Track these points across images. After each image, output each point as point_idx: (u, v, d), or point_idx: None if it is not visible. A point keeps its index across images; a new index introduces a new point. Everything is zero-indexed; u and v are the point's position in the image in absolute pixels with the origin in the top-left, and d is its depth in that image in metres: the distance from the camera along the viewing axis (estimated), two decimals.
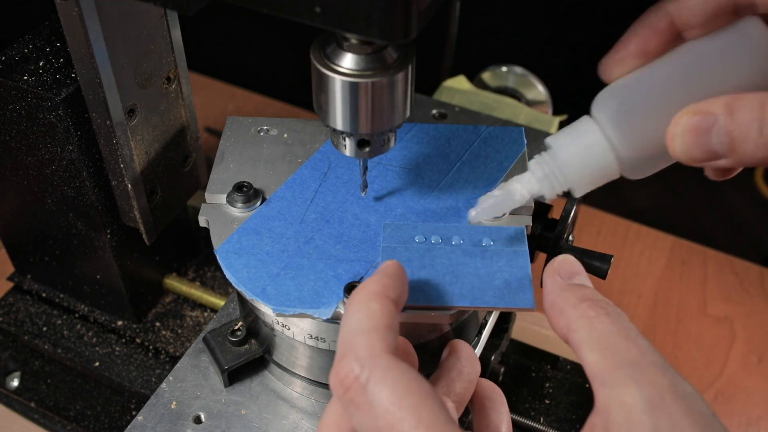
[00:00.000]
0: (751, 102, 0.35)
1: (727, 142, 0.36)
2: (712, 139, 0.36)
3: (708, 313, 0.85)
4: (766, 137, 0.34)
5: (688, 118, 0.37)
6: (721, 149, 0.36)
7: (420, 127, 0.58)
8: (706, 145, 0.36)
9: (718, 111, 0.36)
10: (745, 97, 0.35)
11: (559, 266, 0.39)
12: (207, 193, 0.53)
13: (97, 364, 0.68)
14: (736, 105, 0.35)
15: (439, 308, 0.44)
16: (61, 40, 0.58)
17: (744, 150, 0.35)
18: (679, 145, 0.37)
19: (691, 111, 0.37)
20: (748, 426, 0.75)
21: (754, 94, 0.35)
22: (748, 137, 0.35)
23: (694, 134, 0.36)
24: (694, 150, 0.37)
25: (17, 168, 0.61)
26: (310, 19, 0.35)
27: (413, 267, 0.46)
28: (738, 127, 0.35)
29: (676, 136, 0.37)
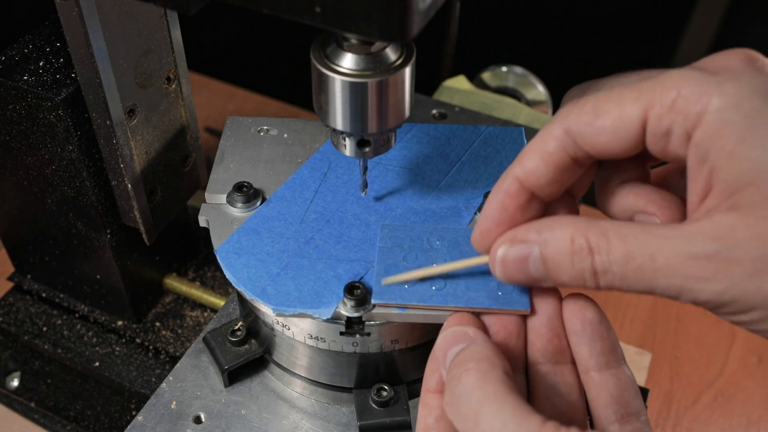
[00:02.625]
0: (561, 233, 0.37)
1: (543, 270, 0.38)
2: (530, 267, 0.38)
3: (708, 313, 0.84)
4: (578, 270, 0.36)
5: (506, 246, 0.39)
6: (539, 275, 0.38)
7: (420, 127, 0.58)
8: (525, 272, 0.39)
9: (532, 239, 0.38)
10: (557, 224, 0.37)
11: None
12: (207, 193, 0.53)
13: (97, 364, 0.68)
14: (547, 235, 0.37)
15: (434, 309, 0.44)
16: (61, 40, 0.58)
17: (560, 278, 0.37)
18: (499, 271, 0.40)
19: (508, 239, 0.39)
20: (748, 426, 0.75)
21: (564, 222, 0.37)
22: (562, 269, 0.37)
23: (513, 262, 0.39)
24: (515, 275, 0.39)
25: (17, 168, 0.61)
26: (310, 19, 0.35)
27: (409, 267, 0.46)
28: (551, 258, 0.37)
29: (497, 264, 0.40)
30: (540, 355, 0.42)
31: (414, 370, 0.51)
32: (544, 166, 0.39)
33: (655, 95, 0.35)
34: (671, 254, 0.34)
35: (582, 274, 0.36)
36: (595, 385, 0.41)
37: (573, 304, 0.42)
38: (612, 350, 0.41)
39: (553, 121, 0.39)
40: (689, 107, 0.34)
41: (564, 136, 0.38)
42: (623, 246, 0.35)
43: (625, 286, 0.36)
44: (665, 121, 0.35)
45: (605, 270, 0.36)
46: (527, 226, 0.39)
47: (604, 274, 0.36)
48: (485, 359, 0.37)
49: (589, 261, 0.36)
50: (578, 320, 0.41)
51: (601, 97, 0.37)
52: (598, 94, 0.38)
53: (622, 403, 0.40)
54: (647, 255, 0.35)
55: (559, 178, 0.39)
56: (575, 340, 0.42)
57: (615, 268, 0.35)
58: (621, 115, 0.36)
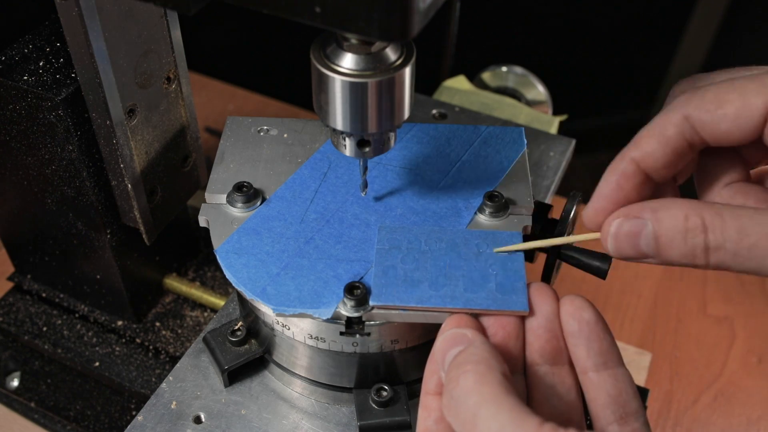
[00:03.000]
0: (676, 211, 0.38)
1: (654, 245, 0.39)
2: (641, 242, 0.39)
3: (708, 313, 0.85)
4: (690, 247, 0.37)
5: (620, 221, 0.40)
6: (648, 251, 0.39)
7: (420, 127, 0.58)
8: (636, 247, 0.39)
9: (647, 216, 0.39)
10: (671, 203, 0.39)
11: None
12: (207, 193, 0.53)
13: (97, 364, 0.68)
14: (662, 212, 0.39)
15: (432, 310, 0.44)
16: (61, 40, 0.58)
17: (669, 255, 0.39)
18: (611, 244, 0.41)
19: (623, 214, 0.40)
20: (748, 426, 0.75)
21: (678, 202, 0.38)
22: (674, 245, 0.38)
23: (625, 236, 0.40)
24: (626, 249, 0.40)
25: (17, 168, 0.61)
26: (310, 19, 0.35)
27: (406, 269, 0.46)
28: (664, 234, 0.38)
29: (609, 237, 0.41)
30: (538, 356, 0.42)
31: (414, 370, 0.51)
32: (661, 149, 0.40)
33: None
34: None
35: (694, 250, 0.37)
36: (593, 386, 0.41)
37: (570, 304, 0.42)
38: (609, 351, 0.41)
39: (672, 108, 0.40)
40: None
41: (683, 122, 0.40)
42: (738, 224, 0.36)
43: (736, 264, 0.37)
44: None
45: (718, 246, 0.37)
46: (641, 204, 0.40)
47: (716, 251, 0.37)
48: (483, 361, 0.37)
49: (702, 238, 0.37)
50: (575, 321, 0.42)
51: (722, 87, 0.39)
52: (719, 85, 0.39)
53: (620, 404, 0.40)
54: (762, 233, 0.36)
55: (674, 162, 0.41)
56: (573, 341, 0.42)
57: (729, 245, 0.36)
58: (744, 105, 0.38)
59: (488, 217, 0.51)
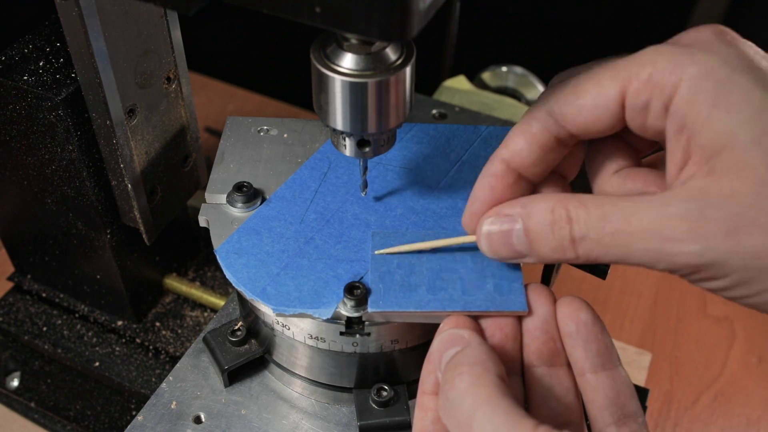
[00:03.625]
0: (543, 205, 0.38)
1: (526, 242, 0.39)
2: (513, 240, 0.39)
3: (708, 313, 0.85)
4: (558, 239, 0.37)
5: (492, 219, 0.40)
6: (522, 249, 0.39)
7: (420, 127, 0.58)
8: (509, 245, 0.40)
9: (517, 212, 0.39)
10: (539, 198, 0.39)
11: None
12: (207, 193, 0.53)
13: (97, 364, 0.68)
14: (531, 207, 0.38)
15: (431, 314, 0.44)
16: (61, 40, 0.58)
17: (541, 250, 0.39)
18: (485, 245, 0.41)
19: (494, 213, 0.40)
20: (748, 426, 0.75)
21: (546, 197, 0.38)
22: (543, 240, 0.38)
23: (497, 236, 0.40)
24: (500, 249, 0.40)
25: (17, 168, 0.61)
26: (310, 19, 0.35)
27: (403, 273, 0.46)
28: (534, 230, 0.38)
29: (482, 237, 0.41)
30: (535, 357, 0.42)
31: (414, 370, 0.51)
32: (527, 146, 0.40)
33: (631, 71, 0.37)
34: (646, 217, 0.35)
35: (561, 243, 0.37)
36: (591, 387, 0.41)
37: (567, 306, 0.42)
38: (607, 352, 0.41)
39: (535, 104, 0.41)
40: (665, 79, 0.36)
41: (546, 116, 0.40)
42: (599, 212, 0.36)
43: (602, 253, 0.37)
44: (643, 95, 0.37)
45: (583, 236, 0.37)
46: (512, 202, 0.40)
47: (582, 241, 0.37)
48: (479, 363, 0.37)
49: (568, 229, 0.37)
50: (573, 322, 0.41)
51: (580, 78, 0.39)
52: (577, 76, 0.39)
53: (618, 405, 0.40)
54: (623, 219, 0.36)
55: (543, 158, 0.41)
56: (570, 342, 0.42)
57: (592, 233, 0.36)
58: (599, 93, 0.38)
59: None
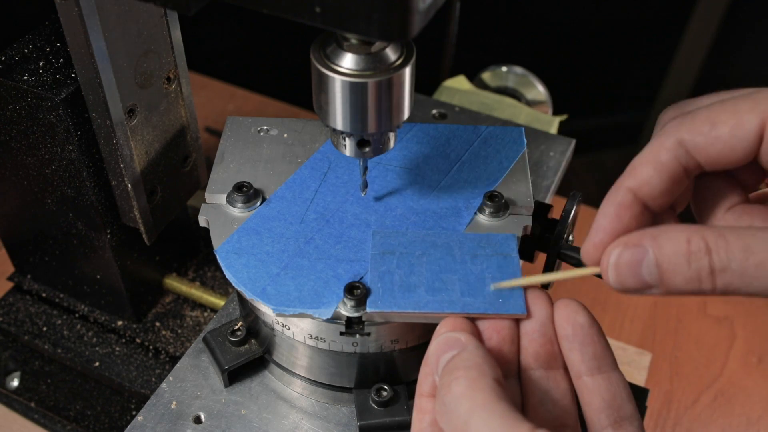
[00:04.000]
0: (678, 235, 0.37)
1: (656, 273, 0.37)
2: (642, 271, 0.38)
3: (708, 313, 0.85)
4: (694, 270, 0.36)
5: (620, 250, 0.38)
6: (651, 280, 0.38)
7: (420, 127, 0.58)
8: (638, 276, 0.38)
9: (647, 243, 0.37)
10: (671, 228, 0.37)
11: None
12: (207, 193, 0.53)
13: (97, 364, 0.68)
14: (663, 238, 0.37)
15: (430, 315, 0.44)
16: (61, 40, 0.58)
17: (673, 281, 0.37)
18: (612, 275, 0.39)
19: (622, 243, 0.39)
20: (748, 426, 0.75)
21: (679, 227, 0.37)
22: (677, 271, 0.37)
23: (626, 266, 0.38)
24: (628, 280, 0.38)
25: (17, 168, 0.61)
26: (310, 19, 0.35)
27: (402, 274, 0.46)
28: (666, 261, 0.37)
29: (609, 268, 0.39)
30: (533, 360, 0.42)
31: (414, 370, 0.51)
32: (657, 176, 0.39)
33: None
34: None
35: (699, 274, 0.36)
36: (587, 390, 0.41)
37: (564, 308, 0.42)
38: (604, 354, 0.41)
39: (664, 133, 0.39)
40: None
41: (677, 146, 0.39)
42: (742, 243, 0.35)
43: (744, 285, 0.35)
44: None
45: (724, 268, 0.35)
46: (641, 232, 0.38)
47: (722, 273, 0.35)
48: (475, 367, 0.37)
49: (707, 260, 0.36)
50: (570, 325, 0.41)
51: (714, 109, 0.38)
52: (710, 107, 0.38)
53: (614, 408, 0.40)
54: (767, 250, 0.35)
55: (670, 189, 0.40)
56: (567, 345, 0.42)
57: (734, 265, 0.35)
58: (738, 124, 0.37)
59: (488, 217, 0.51)
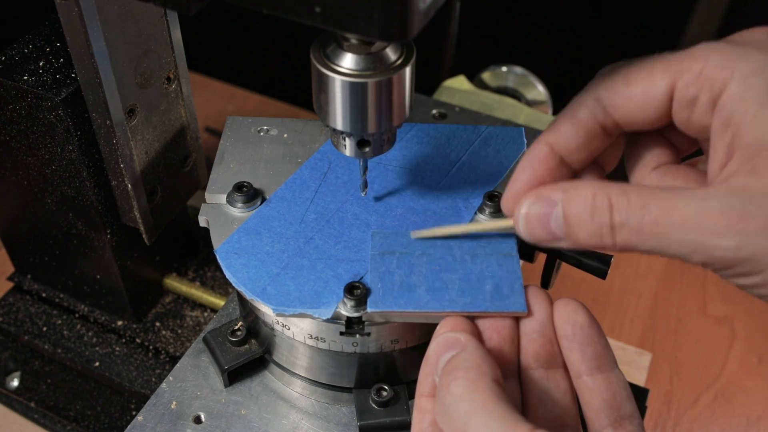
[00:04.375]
0: (585, 191, 0.38)
1: (564, 226, 0.38)
2: (551, 223, 0.39)
3: (708, 313, 0.85)
4: (597, 225, 0.37)
5: (531, 201, 0.40)
6: (559, 233, 0.39)
7: (420, 127, 0.58)
8: (547, 228, 0.39)
9: (557, 197, 0.39)
10: (580, 184, 0.38)
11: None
12: (207, 193, 0.53)
13: (97, 364, 0.68)
14: (572, 192, 0.38)
15: (430, 314, 0.44)
16: (61, 40, 0.58)
17: (578, 235, 0.38)
18: (522, 226, 0.40)
19: (534, 195, 0.40)
20: (748, 426, 0.75)
21: (588, 183, 0.38)
22: (582, 225, 0.38)
23: (535, 218, 0.39)
24: (537, 231, 0.40)
25: (17, 168, 0.61)
26: (310, 19, 0.35)
27: (402, 274, 0.46)
28: (573, 214, 0.38)
29: (520, 218, 0.40)
30: (533, 360, 0.42)
31: (414, 370, 0.51)
32: (573, 131, 0.41)
33: (683, 65, 0.37)
34: (687, 210, 0.35)
35: (600, 229, 0.37)
36: (587, 390, 0.41)
37: (564, 308, 0.42)
38: (603, 354, 0.41)
39: (584, 90, 0.41)
40: (715, 74, 0.36)
41: (594, 103, 0.40)
42: (641, 201, 0.36)
43: (640, 242, 0.37)
44: (692, 89, 0.37)
45: (622, 224, 0.37)
46: (552, 185, 0.40)
47: (621, 228, 0.37)
48: (474, 368, 0.37)
49: (608, 216, 0.37)
50: (569, 325, 0.41)
51: (631, 69, 0.39)
52: (629, 66, 0.40)
53: (615, 407, 0.40)
54: (663, 209, 0.36)
55: (587, 145, 0.41)
56: (567, 345, 0.42)
57: (632, 221, 0.36)
58: (650, 84, 0.38)
59: (488, 217, 0.51)
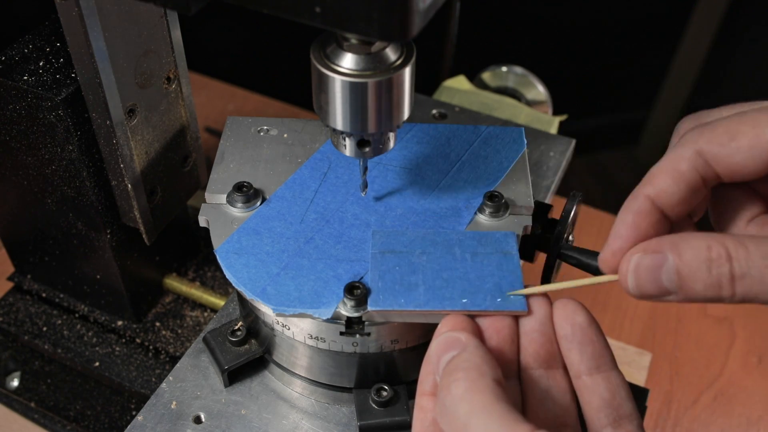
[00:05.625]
0: (698, 242, 0.37)
1: (676, 280, 0.38)
2: (662, 277, 0.38)
3: (708, 313, 0.85)
4: (715, 276, 0.36)
5: (640, 256, 0.39)
6: (670, 286, 0.38)
7: (420, 127, 0.58)
8: (657, 282, 0.38)
9: (667, 249, 0.38)
10: (691, 236, 0.38)
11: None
12: (207, 193, 0.53)
13: (97, 364, 0.68)
14: (683, 245, 0.38)
15: (430, 313, 0.44)
16: (61, 40, 0.58)
17: (693, 288, 0.37)
18: (631, 282, 0.39)
19: (641, 249, 0.39)
20: (748, 426, 0.75)
21: (699, 235, 0.38)
22: (697, 277, 0.37)
23: (645, 271, 0.39)
24: (647, 286, 0.39)
25: (17, 168, 0.61)
26: (310, 19, 0.35)
27: (403, 272, 0.46)
28: (687, 267, 0.37)
29: (629, 274, 0.39)
30: (532, 360, 0.42)
31: (414, 370, 0.51)
32: (675, 185, 0.40)
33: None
34: None
35: (719, 280, 0.36)
36: (586, 390, 0.41)
37: (563, 308, 0.42)
38: (602, 354, 0.41)
39: (683, 143, 0.40)
40: None
41: (696, 157, 0.39)
42: (762, 251, 0.36)
43: (764, 292, 0.36)
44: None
45: (743, 275, 0.36)
46: (660, 238, 0.39)
47: (742, 279, 0.36)
48: (474, 368, 0.37)
49: (728, 267, 0.36)
50: (569, 325, 0.42)
51: (734, 120, 0.38)
52: (729, 118, 0.39)
53: (614, 407, 0.40)
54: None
55: (688, 198, 0.40)
56: (566, 345, 0.42)
57: (755, 272, 0.35)
58: (757, 135, 0.37)
59: (488, 217, 0.51)
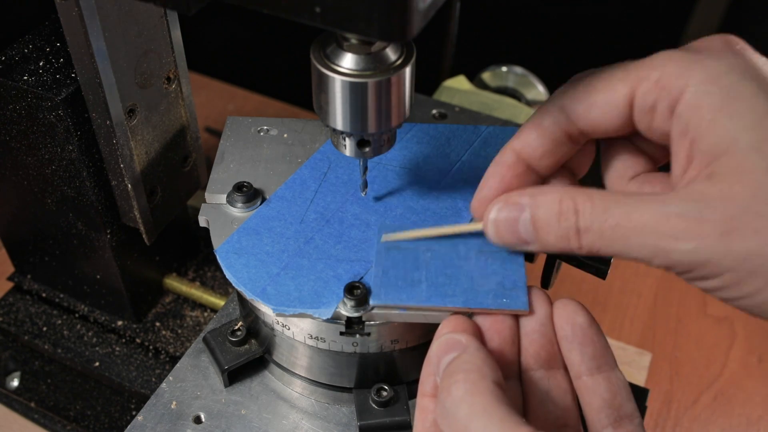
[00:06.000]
0: (552, 196, 0.40)
1: (532, 230, 0.40)
2: (519, 227, 0.41)
3: (708, 313, 0.85)
4: (563, 229, 0.39)
5: (500, 206, 0.42)
6: (527, 237, 0.41)
7: (420, 127, 0.58)
8: (515, 232, 0.41)
9: (525, 201, 0.40)
10: (548, 189, 0.40)
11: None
12: (207, 193, 0.53)
13: (97, 364, 0.68)
14: (540, 198, 0.40)
15: (432, 310, 0.44)
16: (61, 40, 0.58)
17: (546, 239, 0.40)
18: (491, 230, 0.42)
19: (502, 200, 0.42)
20: (748, 426, 0.75)
21: (555, 188, 0.40)
22: (549, 229, 0.39)
23: (504, 222, 0.41)
24: (506, 235, 0.42)
25: (17, 168, 0.61)
26: (310, 19, 0.35)
27: (407, 268, 0.46)
28: (541, 219, 0.40)
29: (489, 223, 0.42)
30: (533, 360, 0.42)
31: (414, 370, 0.51)
32: (538, 138, 0.42)
33: (641, 73, 0.39)
34: (646, 214, 0.37)
35: (567, 233, 0.39)
36: (587, 390, 0.41)
37: (563, 309, 0.42)
38: (603, 354, 0.42)
39: (550, 100, 0.42)
40: (672, 82, 0.37)
41: (558, 111, 0.42)
42: (603, 206, 0.38)
43: (604, 246, 0.38)
44: (650, 96, 0.38)
45: (587, 228, 0.38)
46: (520, 191, 0.41)
47: (586, 232, 0.38)
48: (474, 370, 0.37)
49: (574, 220, 0.38)
50: (569, 325, 0.42)
51: (593, 78, 0.41)
52: (591, 75, 0.41)
53: (615, 407, 0.41)
54: (624, 214, 0.37)
55: (553, 152, 0.43)
56: (566, 346, 0.42)
57: (595, 225, 0.38)
58: (610, 92, 0.40)
59: None
